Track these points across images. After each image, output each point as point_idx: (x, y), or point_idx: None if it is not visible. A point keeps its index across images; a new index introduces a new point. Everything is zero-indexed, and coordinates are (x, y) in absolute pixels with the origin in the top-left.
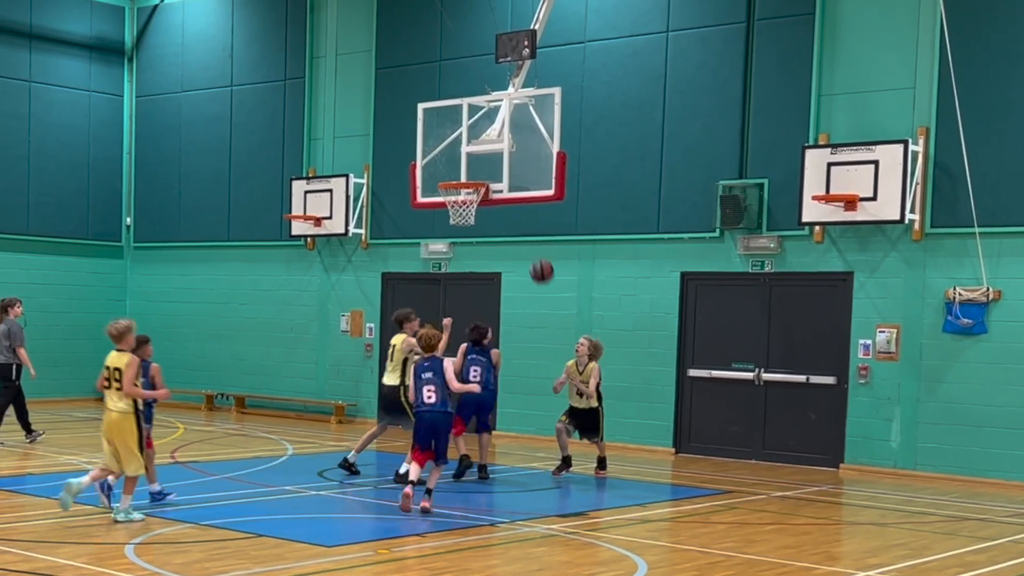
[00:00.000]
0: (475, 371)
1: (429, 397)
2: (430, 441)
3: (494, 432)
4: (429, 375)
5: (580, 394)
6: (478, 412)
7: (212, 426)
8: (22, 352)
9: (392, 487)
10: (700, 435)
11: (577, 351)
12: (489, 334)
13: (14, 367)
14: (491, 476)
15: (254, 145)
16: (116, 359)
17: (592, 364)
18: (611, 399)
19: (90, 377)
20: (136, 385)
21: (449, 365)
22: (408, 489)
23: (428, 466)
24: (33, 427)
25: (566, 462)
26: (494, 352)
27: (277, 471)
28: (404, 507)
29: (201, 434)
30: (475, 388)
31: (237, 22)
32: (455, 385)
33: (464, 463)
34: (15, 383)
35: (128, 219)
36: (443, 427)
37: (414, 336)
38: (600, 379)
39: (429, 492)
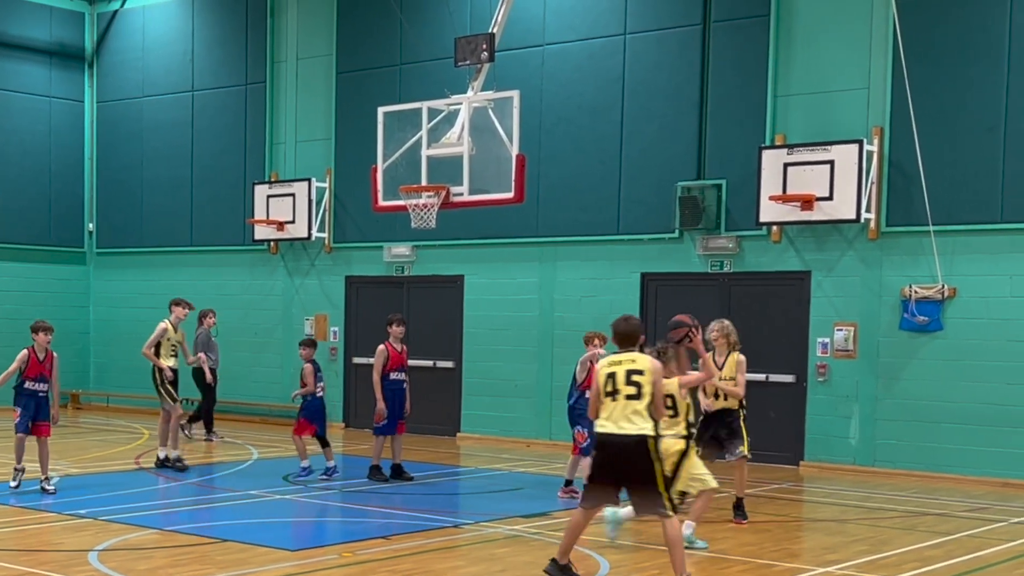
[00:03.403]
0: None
1: None
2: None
3: (458, 435)
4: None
5: (715, 394)
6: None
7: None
8: (201, 356)
9: (358, 490)
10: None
11: (713, 341)
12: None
13: (206, 371)
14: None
15: (216, 150)
16: None
17: (738, 356)
18: None
19: (61, 382)
20: None
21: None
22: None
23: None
24: (212, 429)
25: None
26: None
27: (242, 475)
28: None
29: None
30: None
31: (197, 27)
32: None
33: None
34: (209, 384)
35: (90, 225)
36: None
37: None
38: (744, 375)
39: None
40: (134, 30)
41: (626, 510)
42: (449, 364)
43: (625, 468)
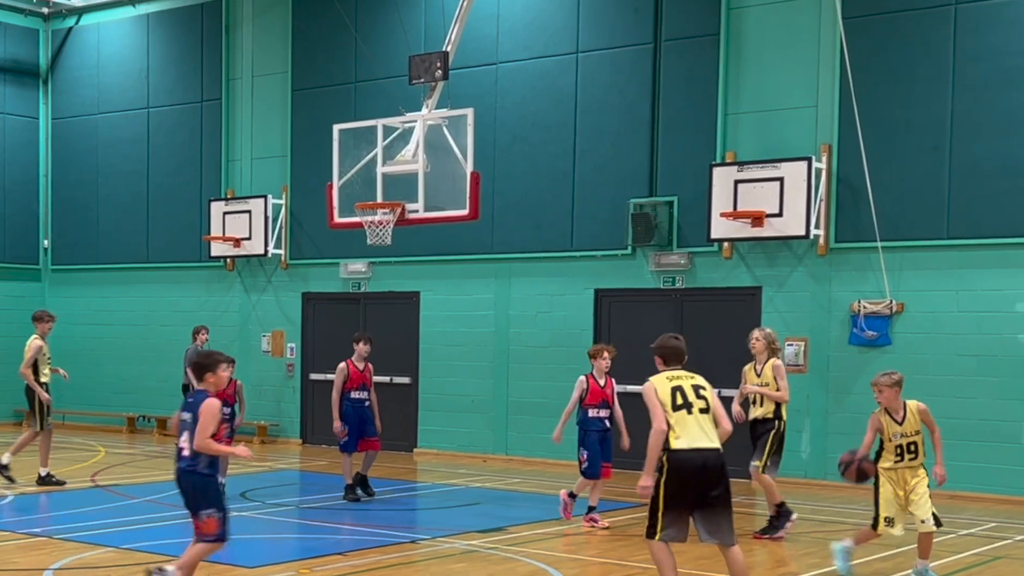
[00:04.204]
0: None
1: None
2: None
3: (415, 450)
4: None
5: (753, 401)
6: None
7: (134, 449)
8: (190, 371)
9: (314, 507)
10: (616, 449)
11: (752, 348)
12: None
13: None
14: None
15: (172, 167)
16: None
17: (775, 361)
18: (528, 415)
19: (10, 401)
20: None
21: None
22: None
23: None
24: None
25: (781, 513)
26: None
27: None
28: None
29: (122, 457)
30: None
31: (152, 44)
32: None
33: None
34: None
35: (46, 241)
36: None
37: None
38: (786, 380)
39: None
40: (89, 47)
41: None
42: (406, 380)
43: (706, 486)
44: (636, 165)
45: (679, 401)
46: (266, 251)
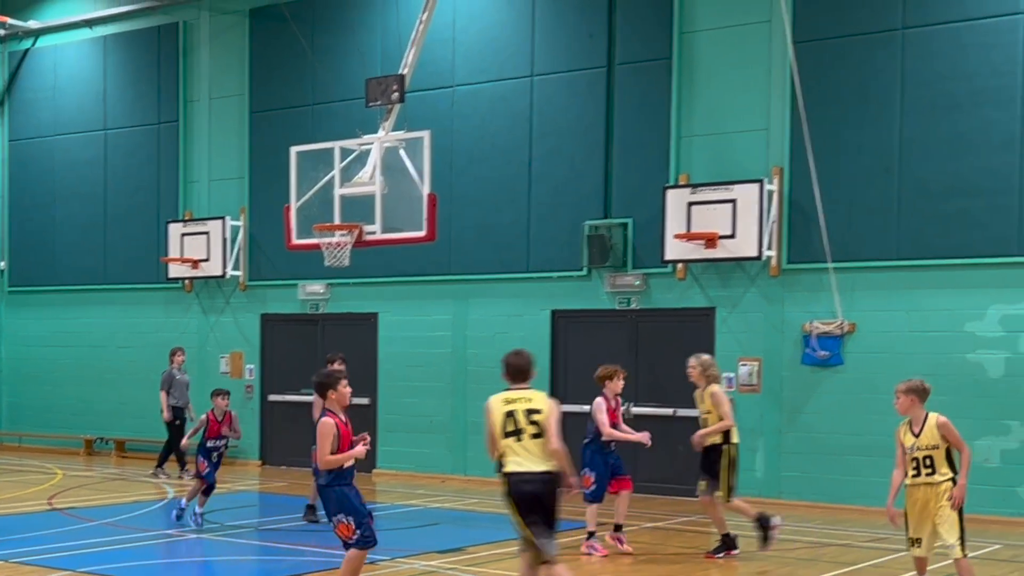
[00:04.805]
0: None
1: None
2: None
3: (374, 471)
4: None
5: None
6: None
7: (91, 471)
8: (162, 395)
9: (273, 528)
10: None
11: (689, 375)
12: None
13: (163, 408)
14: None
15: (130, 188)
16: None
17: (712, 388)
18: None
19: None
20: None
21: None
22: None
23: None
24: (161, 466)
25: (725, 542)
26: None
27: (158, 515)
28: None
29: (80, 479)
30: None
31: (110, 66)
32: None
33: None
34: (175, 423)
35: (2, 263)
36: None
37: None
38: (726, 405)
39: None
40: (46, 69)
41: None
42: (365, 400)
43: (547, 506)
44: (591, 187)
45: (510, 428)
46: (224, 272)
